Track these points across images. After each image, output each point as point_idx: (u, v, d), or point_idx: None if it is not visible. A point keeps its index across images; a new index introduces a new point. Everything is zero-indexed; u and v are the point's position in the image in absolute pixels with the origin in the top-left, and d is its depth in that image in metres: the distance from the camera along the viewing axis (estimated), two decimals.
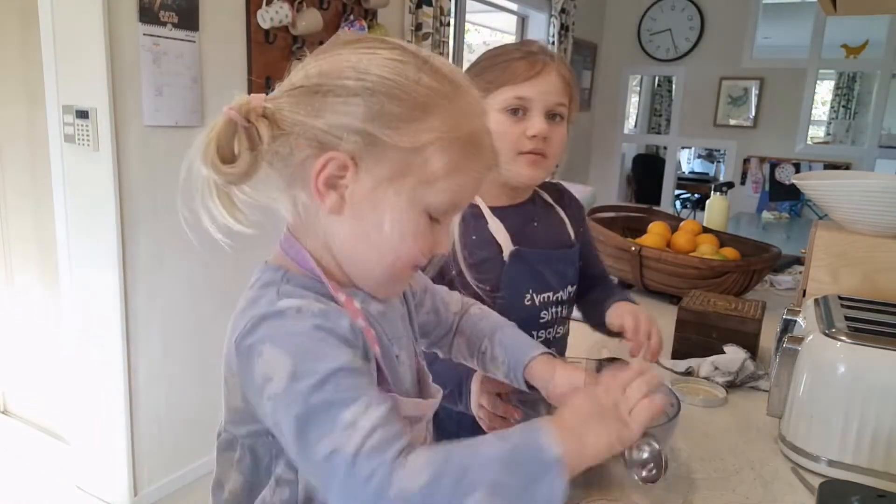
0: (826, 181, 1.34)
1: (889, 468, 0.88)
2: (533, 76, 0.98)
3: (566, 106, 1.02)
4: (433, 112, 0.57)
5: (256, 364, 0.53)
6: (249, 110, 0.56)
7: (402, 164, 0.56)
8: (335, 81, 0.56)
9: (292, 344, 0.53)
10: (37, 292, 2.55)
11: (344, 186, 0.57)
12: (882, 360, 0.88)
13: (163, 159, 2.11)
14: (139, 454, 2.21)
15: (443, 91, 0.58)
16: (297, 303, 0.55)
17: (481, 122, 0.61)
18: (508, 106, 0.99)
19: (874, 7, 1.79)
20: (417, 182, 0.57)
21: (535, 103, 0.99)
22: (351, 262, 0.61)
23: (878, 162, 4.95)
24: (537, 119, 0.99)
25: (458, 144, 0.58)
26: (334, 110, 0.56)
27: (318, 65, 0.58)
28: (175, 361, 2.28)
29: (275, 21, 2.31)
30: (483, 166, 0.61)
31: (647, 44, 5.32)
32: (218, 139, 0.55)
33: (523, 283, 1.04)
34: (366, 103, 0.55)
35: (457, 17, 3.73)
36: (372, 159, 0.56)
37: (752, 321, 1.29)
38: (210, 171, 0.55)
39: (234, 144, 0.56)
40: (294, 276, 0.60)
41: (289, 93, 0.58)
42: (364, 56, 0.57)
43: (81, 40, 1.95)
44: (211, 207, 0.55)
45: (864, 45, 4.90)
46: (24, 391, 2.71)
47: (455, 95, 0.59)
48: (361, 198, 0.57)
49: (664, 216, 2.11)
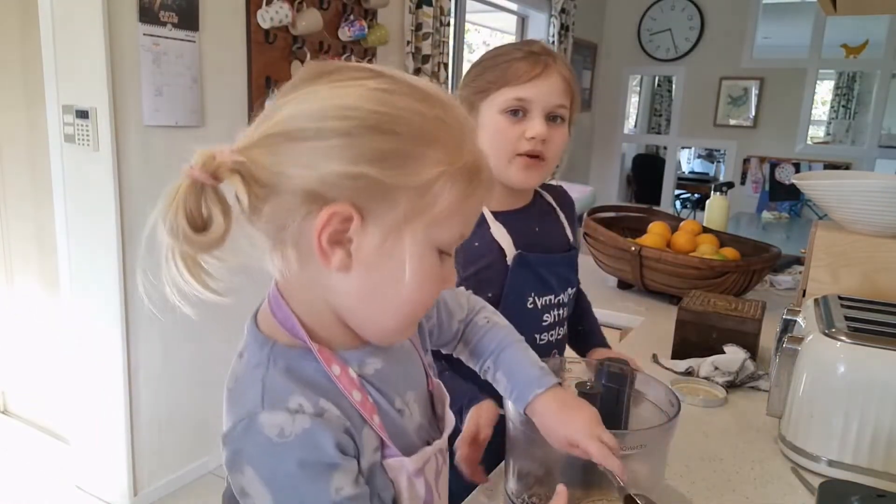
0: (826, 181, 1.34)
1: (889, 468, 0.88)
2: (534, 77, 0.97)
3: (567, 108, 1.01)
4: (433, 142, 0.52)
5: (237, 476, 0.52)
6: (217, 167, 0.48)
7: (412, 207, 0.51)
8: (318, 124, 0.49)
9: (274, 481, 0.50)
10: (37, 292, 2.55)
11: (349, 240, 0.51)
12: (882, 360, 0.88)
13: (163, 159, 2.11)
14: (139, 454, 2.21)
15: (438, 116, 0.53)
16: (279, 421, 0.51)
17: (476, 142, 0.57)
18: (508, 107, 0.98)
19: (874, 7, 1.79)
20: (430, 222, 0.52)
21: (535, 105, 0.98)
22: (360, 318, 0.56)
23: (878, 162, 4.95)
24: (537, 121, 0.98)
25: (463, 173, 0.53)
26: (324, 155, 0.49)
27: (291, 107, 0.51)
28: (175, 361, 2.28)
29: (275, 21, 2.31)
30: (486, 189, 0.57)
31: (647, 44, 5.32)
32: (185, 205, 0.48)
33: (526, 286, 1.04)
34: (360, 143, 0.49)
35: (457, 17, 3.73)
36: (377, 206, 0.50)
37: (752, 321, 1.29)
38: (180, 243, 0.48)
39: (202, 208, 0.49)
40: (282, 353, 0.55)
41: (263, 141, 0.50)
42: (345, 90, 0.51)
43: (81, 40, 1.95)
44: (177, 278, 0.49)
45: (864, 45, 4.90)
46: (24, 391, 2.71)
47: (449, 119, 0.54)
48: (371, 251, 0.51)
49: (664, 216, 2.11)
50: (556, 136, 1.00)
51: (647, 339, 1.46)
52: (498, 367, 0.76)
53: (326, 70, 0.53)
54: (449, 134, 0.53)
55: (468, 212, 0.55)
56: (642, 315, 1.67)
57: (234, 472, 0.52)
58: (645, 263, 1.69)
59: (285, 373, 0.54)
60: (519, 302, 1.03)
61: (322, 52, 2.59)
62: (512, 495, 0.81)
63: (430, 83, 0.56)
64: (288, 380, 0.54)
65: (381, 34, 2.78)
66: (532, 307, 1.04)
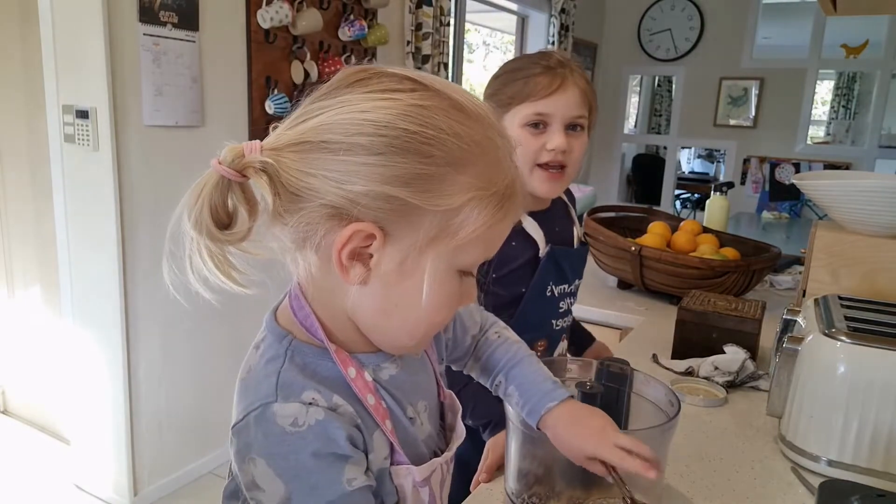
0: (826, 181, 1.34)
1: (889, 468, 0.88)
2: (552, 92, 1.00)
3: (585, 117, 1.04)
4: (467, 166, 0.50)
5: (247, 467, 0.51)
6: (245, 164, 0.49)
7: (435, 230, 0.50)
8: (351, 139, 0.48)
9: (287, 471, 0.50)
10: (36, 292, 2.55)
11: (369, 256, 0.51)
12: (882, 360, 0.88)
13: (163, 159, 2.11)
14: (139, 454, 2.21)
15: (475, 139, 0.51)
16: (292, 411, 0.51)
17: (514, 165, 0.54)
18: (529, 121, 1.02)
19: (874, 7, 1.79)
20: (454, 246, 0.51)
21: (554, 118, 1.02)
22: (377, 331, 0.56)
23: (878, 162, 4.95)
24: (557, 134, 1.01)
25: (495, 198, 0.51)
26: (352, 172, 0.48)
27: (325, 115, 0.49)
28: (175, 361, 2.28)
29: (275, 21, 2.31)
30: (517, 213, 0.55)
31: (647, 44, 5.32)
32: (210, 201, 0.48)
33: (549, 277, 1.10)
34: (391, 163, 0.48)
35: (457, 17, 3.73)
36: (401, 226, 0.50)
37: (752, 321, 1.29)
38: (203, 238, 0.48)
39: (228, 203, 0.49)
40: (300, 349, 0.55)
41: (294, 146, 0.49)
42: (381, 103, 0.49)
43: (81, 40, 1.95)
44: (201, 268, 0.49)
45: (864, 45, 4.89)
46: (24, 391, 2.71)
47: (487, 140, 0.52)
48: (390, 269, 0.51)
49: (664, 216, 2.11)
50: (576, 145, 1.04)
51: (647, 339, 1.46)
52: (510, 382, 0.75)
53: (365, 76, 0.52)
54: (485, 157, 0.51)
55: (494, 236, 0.54)
56: (642, 315, 1.67)
57: (245, 463, 0.52)
58: (645, 263, 1.69)
59: (301, 369, 0.54)
60: (541, 290, 1.09)
61: (322, 51, 2.59)
62: (512, 495, 0.81)
63: (472, 97, 0.53)
64: (303, 376, 0.54)
65: (381, 34, 2.78)
66: (550, 295, 1.11)
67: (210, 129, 2.24)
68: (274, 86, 2.42)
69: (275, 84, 2.42)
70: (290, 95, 2.44)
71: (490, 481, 0.89)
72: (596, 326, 1.60)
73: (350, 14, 2.67)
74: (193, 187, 0.49)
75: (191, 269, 0.49)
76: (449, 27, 3.28)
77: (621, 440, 0.67)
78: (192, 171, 0.50)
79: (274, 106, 2.37)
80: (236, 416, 0.53)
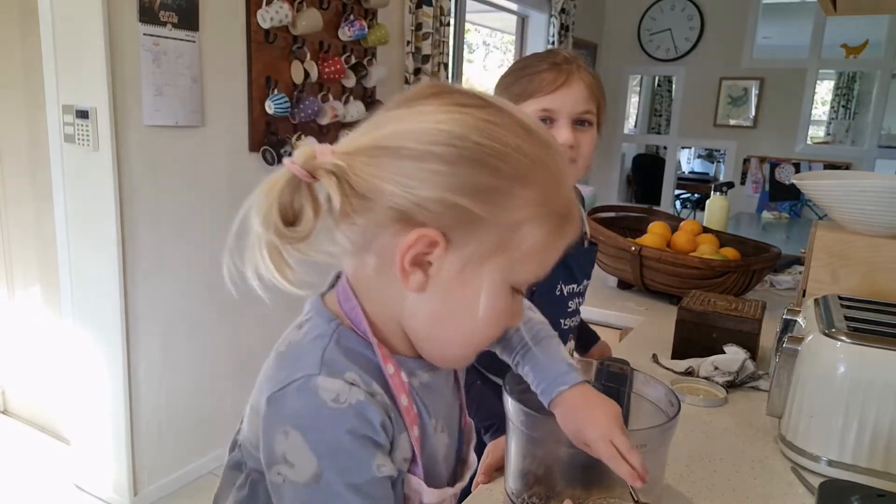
0: (826, 181, 1.34)
1: (889, 468, 0.88)
2: (558, 87, 1.01)
3: (593, 112, 1.04)
4: (531, 183, 0.52)
5: (280, 439, 0.51)
6: (315, 166, 0.50)
7: (497, 242, 0.52)
8: (424, 147, 0.50)
9: (322, 446, 0.51)
10: (36, 291, 2.55)
11: (429, 264, 0.52)
12: (882, 360, 0.88)
13: (163, 159, 2.11)
14: (139, 454, 2.21)
15: (539, 157, 0.53)
16: (336, 387, 0.52)
17: (570, 188, 0.56)
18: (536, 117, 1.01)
19: (874, 7, 1.79)
20: (511, 260, 0.53)
21: (561, 113, 1.02)
22: (427, 340, 0.57)
23: (878, 162, 4.95)
24: (564, 129, 1.02)
25: (554, 217, 0.53)
26: (423, 179, 0.49)
27: (401, 124, 0.51)
28: (175, 361, 2.28)
29: (275, 21, 2.31)
30: (572, 236, 0.56)
31: (647, 44, 5.32)
32: (280, 198, 0.50)
33: (558, 275, 1.10)
34: (461, 173, 0.50)
35: (457, 17, 3.73)
36: (464, 236, 0.51)
37: (752, 321, 1.29)
38: (270, 234, 0.50)
39: (295, 202, 0.51)
40: (345, 334, 0.56)
41: (367, 150, 0.51)
42: (455, 116, 0.51)
43: (81, 40, 1.95)
44: (259, 265, 0.50)
45: (864, 45, 4.89)
46: (24, 391, 2.71)
47: (549, 161, 0.53)
48: (449, 277, 0.52)
49: (664, 216, 2.11)
50: (584, 139, 1.04)
51: (647, 339, 1.46)
52: (526, 362, 0.76)
53: (438, 91, 0.54)
54: (547, 176, 0.53)
55: (549, 255, 0.55)
56: (642, 315, 1.67)
57: (277, 434, 0.52)
58: (645, 263, 1.69)
59: (345, 352, 0.55)
60: (551, 289, 1.09)
61: (322, 51, 2.59)
62: (512, 495, 0.81)
63: (535, 120, 0.55)
64: (347, 358, 0.54)
65: (381, 34, 2.78)
66: (559, 294, 1.11)
67: (210, 129, 2.24)
68: (274, 86, 2.42)
69: (275, 84, 2.42)
70: (290, 95, 2.44)
71: (489, 482, 0.89)
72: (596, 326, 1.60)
73: (350, 14, 2.68)
74: (263, 185, 0.50)
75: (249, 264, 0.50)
76: (449, 27, 3.28)
77: (618, 439, 0.67)
78: (192, 171, 0.50)
79: (274, 106, 2.36)
80: (273, 386, 0.53)
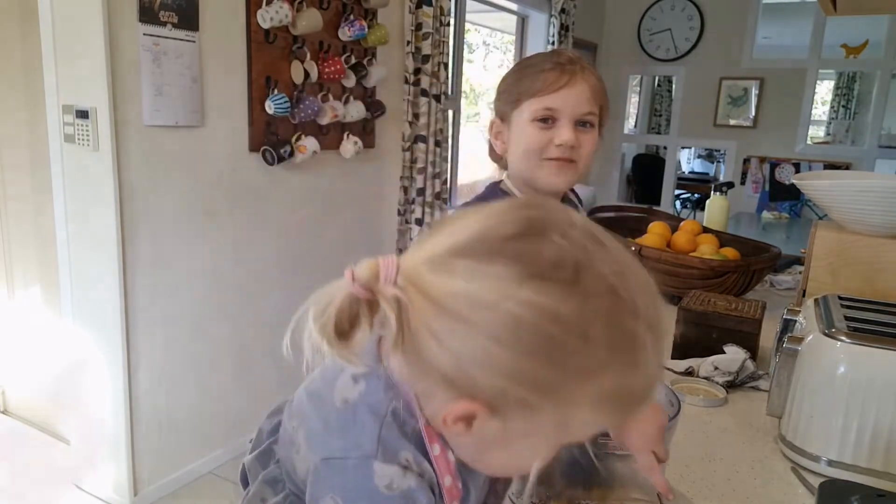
0: (826, 181, 1.34)
1: (889, 468, 0.88)
2: (561, 87, 1.00)
3: (595, 114, 1.04)
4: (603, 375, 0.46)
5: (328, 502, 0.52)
6: (378, 291, 0.48)
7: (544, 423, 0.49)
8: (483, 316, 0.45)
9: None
10: (36, 291, 2.55)
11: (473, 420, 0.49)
12: (882, 360, 0.88)
13: (163, 159, 2.11)
14: (139, 454, 2.21)
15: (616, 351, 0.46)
16: (391, 473, 0.51)
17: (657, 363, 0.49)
18: (538, 116, 1.02)
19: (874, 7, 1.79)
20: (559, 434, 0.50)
21: (563, 113, 1.01)
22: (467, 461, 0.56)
23: (878, 162, 4.95)
24: (565, 129, 1.01)
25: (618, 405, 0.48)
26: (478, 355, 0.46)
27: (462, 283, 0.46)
28: (175, 361, 2.28)
29: (275, 21, 2.31)
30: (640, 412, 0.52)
31: (647, 44, 5.32)
32: (338, 314, 0.48)
33: None
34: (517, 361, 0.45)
35: (457, 17, 3.73)
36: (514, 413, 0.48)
37: (752, 321, 1.29)
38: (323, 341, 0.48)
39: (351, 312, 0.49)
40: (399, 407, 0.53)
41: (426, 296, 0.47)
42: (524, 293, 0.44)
43: (81, 40, 1.95)
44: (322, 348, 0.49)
45: (864, 45, 4.89)
46: (24, 391, 2.71)
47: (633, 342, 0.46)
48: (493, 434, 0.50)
49: (664, 216, 2.11)
50: (586, 141, 1.03)
51: None
52: None
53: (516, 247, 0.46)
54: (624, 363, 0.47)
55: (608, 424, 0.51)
56: None
57: (325, 496, 0.52)
58: (645, 263, 1.68)
59: (400, 428, 0.53)
60: None
61: (322, 51, 2.59)
62: (512, 495, 0.81)
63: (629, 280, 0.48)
64: (401, 435, 0.53)
65: (381, 34, 2.78)
66: None
67: (210, 129, 2.24)
68: (274, 86, 2.42)
69: (275, 84, 2.42)
70: (290, 95, 2.44)
71: None
72: None
73: (350, 14, 2.67)
74: (323, 292, 0.49)
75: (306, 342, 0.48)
76: (449, 27, 3.28)
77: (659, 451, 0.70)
78: (192, 171, 0.50)
79: (274, 106, 2.36)
80: (329, 452, 0.53)
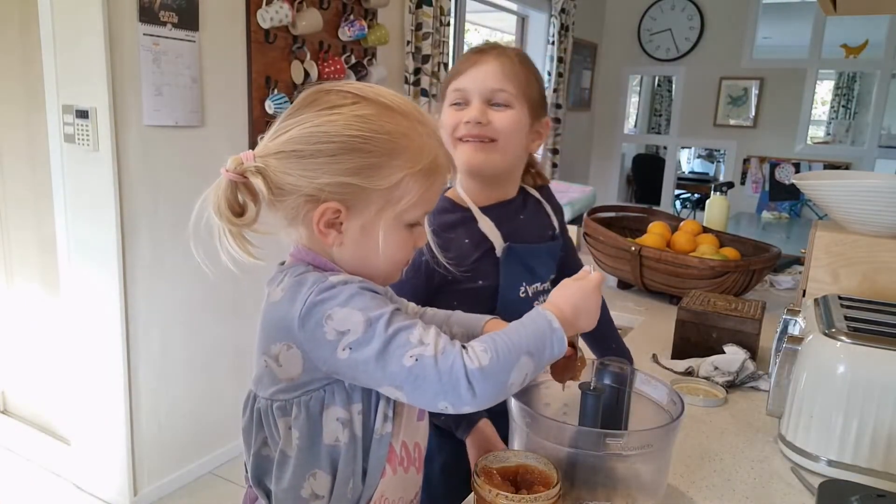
0: (826, 181, 1.34)
1: (889, 468, 0.88)
2: (469, 67, 1.04)
3: (507, 92, 1.03)
4: (399, 153, 0.69)
5: (327, 327, 0.65)
6: (244, 169, 0.68)
7: (383, 201, 0.70)
8: (312, 146, 0.68)
9: (356, 303, 0.66)
10: (37, 292, 2.55)
11: (339, 224, 0.70)
12: (882, 360, 0.88)
13: (163, 159, 2.11)
14: (139, 454, 2.21)
15: (402, 131, 0.70)
16: (339, 278, 0.68)
17: (437, 144, 0.73)
18: (453, 101, 1.05)
19: (874, 7, 1.80)
20: (398, 210, 0.71)
21: (471, 93, 1.03)
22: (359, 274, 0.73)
23: (878, 162, 4.95)
24: (473, 106, 1.03)
25: (423, 172, 0.71)
26: (318, 170, 0.68)
27: (293, 131, 0.69)
28: (175, 361, 2.28)
29: (275, 21, 2.31)
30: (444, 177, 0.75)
31: (647, 44, 5.32)
32: (226, 198, 0.68)
33: (518, 277, 1.08)
34: (343, 161, 0.68)
35: (457, 17, 3.73)
36: (358, 202, 0.70)
37: (752, 321, 1.29)
38: (225, 223, 0.68)
39: (238, 198, 0.69)
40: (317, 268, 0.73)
41: (275, 154, 0.69)
42: (329, 118, 0.68)
43: (81, 40, 1.95)
44: (229, 249, 0.68)
45: (864, 45, 4.89)
46: (24, 391, 2.71)
47: (412, 130, 0.71)
48: (355, 232, 0.71)
49: (664, 216, 2.11)
50: (499, 119, 1.03)
51: (647, 339, 1.46)
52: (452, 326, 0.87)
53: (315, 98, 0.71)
54: (411, 143, 0.71)
55: (430, 197, 0.73)
56: (642, 315, 1.67)
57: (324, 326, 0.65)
58: (645, 263, 1.69)
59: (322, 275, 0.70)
60: (513, 292, 1.08)
61: (322, 51, 2.59)
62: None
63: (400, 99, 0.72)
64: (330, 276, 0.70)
65: (381, 34, 2.78)
66: (524, 296, 1.09)
67: (210, 129, 2.24)
68: (274, 86, 2.42)
69: (275, 84, 2.42)
70: (289, 95, 2.44)
71: None
72: None
73: (350, 14, 2.68)
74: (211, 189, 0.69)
75: (221, 250, 0.68)
76: (449, 27, 3.28)
77: None
78: (192, 170, 0.51)
79: (274, 106, 2.36)
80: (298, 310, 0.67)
